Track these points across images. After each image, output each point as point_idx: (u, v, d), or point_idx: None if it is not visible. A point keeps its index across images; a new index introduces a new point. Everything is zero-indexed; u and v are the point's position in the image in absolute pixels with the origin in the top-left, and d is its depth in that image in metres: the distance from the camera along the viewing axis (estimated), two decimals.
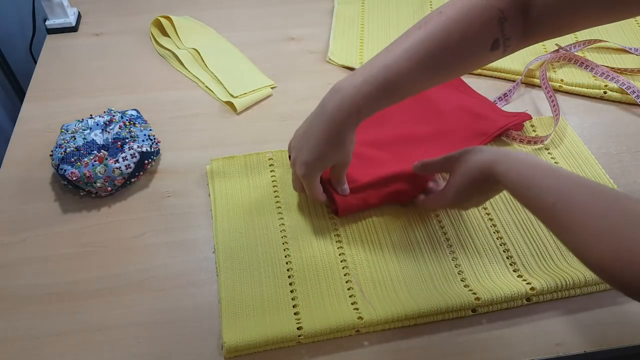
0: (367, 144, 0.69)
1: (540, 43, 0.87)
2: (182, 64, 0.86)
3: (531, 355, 0.52)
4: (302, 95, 0.82)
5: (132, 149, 0.66)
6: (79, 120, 0.71)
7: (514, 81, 0.83)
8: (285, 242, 0.61)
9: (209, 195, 0.67)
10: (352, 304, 0.55)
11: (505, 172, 0.48)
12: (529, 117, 0.75)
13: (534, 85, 0.83)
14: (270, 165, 0.70)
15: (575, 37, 0.88)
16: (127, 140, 0.67)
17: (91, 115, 0.72)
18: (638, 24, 0.93)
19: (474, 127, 0.73)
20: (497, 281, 0.57)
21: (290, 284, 0.57)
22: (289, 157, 0.66)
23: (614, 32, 0.90)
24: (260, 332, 0.52)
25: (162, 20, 0.91)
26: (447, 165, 0.58)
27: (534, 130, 0.75)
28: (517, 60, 0.84)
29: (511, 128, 0.73)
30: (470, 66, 0.54)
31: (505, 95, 0.80)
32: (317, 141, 0.55)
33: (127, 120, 0.70)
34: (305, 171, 0.57)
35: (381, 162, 0.66)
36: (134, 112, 0.73)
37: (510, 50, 0.53)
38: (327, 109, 0.54)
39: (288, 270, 0.58)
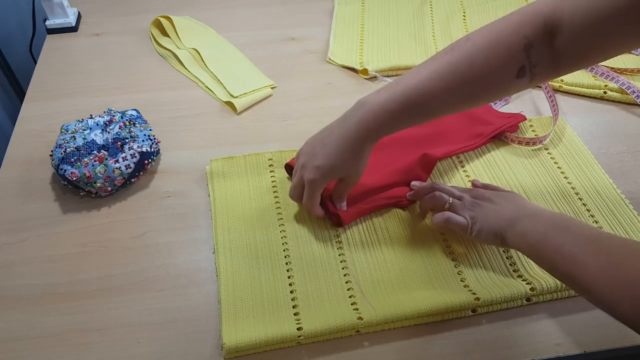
0: None
1: None
2: (182, 64, 0.86)
3: (531, 355, 0.52)
4: (302, 95, 0.82)
5: (132, 149, 0.66)
6: (79, 120, 0.71)
7: None
8: (285, 243, 0.61)
9: (209, 195, 0.67)
10: (352, 304, 0.55)
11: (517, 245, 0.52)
12: (524, 118, 0.75)
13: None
14: (270, 166, 0.70)
15: None
16: (127, 140, 0.67)
17: (91, 115, 0.72)
18: None
19: (470, 129, 0.73)
20: (497, 281, 0.57)
21: (290, 284, 0.57)
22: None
23: None
24: (260, 333, 0.52)
25: (162, 20, 0.91)
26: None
27: (533, 131, 0.75)
28: None
29: (506, 129, 0.73)
30: (496, 93, 0.54)
31: None
32: (335, 148, 0.55)
33: (127, 120, 0.70)
34: (315, 176, 0.57)
35: (378, 166, 0.66)
36: (134, 112, 0.73)
37: (538, 78, 0.52)
38: (350, 120, 0.54)
39: (288, 270, 0.58)
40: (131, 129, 0.68)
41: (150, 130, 0.70)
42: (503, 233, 0.53)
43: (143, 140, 0.68)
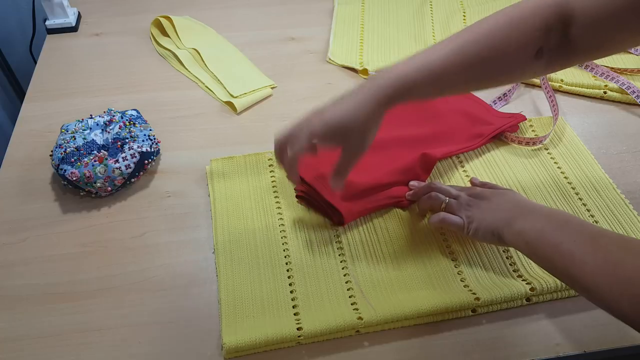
0: None
1: None
2: (182, 64, 0.86)
3: (531, 355, 0.52)
4: (302, 95, 0.82)
5: (132, 149, 0.66)
6: (79, 120, 0.71)
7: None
8: (285, 243, 0.61)
9: (209, 195, 0.67)
10: (352, 304, 0.55)
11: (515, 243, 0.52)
12: (524, 119, 0.75)
13: (533, 85, 0.83)
14: (270, 166, 0.70)
15: None
16: (127, 140, 0.67)
17: (91, 115, 0.72)
18: None
19: (470, 129, 0.73)
20: (497, 281, 0.57)
21: (290, 284, 0.57)
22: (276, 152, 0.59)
23: None
24: (260, 333, 0.52)
25: (162, 20, 0.91)
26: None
27: (533, 131, 0.75)
28: None
29: (506, 129, 0.73)
30: (513, 73, 0.54)
31: (504, 95, 0.80)
32: (348, 106, 0.51)
33: (127, 120, 0.70)
34: (319, 128, 0.52)
35: (378, 165, 0.66)
36: (134, 112, 0.73)
37: (553, 64, 0.52)
38: (364, 85, 0.52)
39: (288, 270, 0.58)
40: (131, 129, 0.68)
41: (150, 130, 0.70)
42: (500, 231, 0.53)
43: (143, 140, 0.68)
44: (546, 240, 0.48)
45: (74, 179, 0.63)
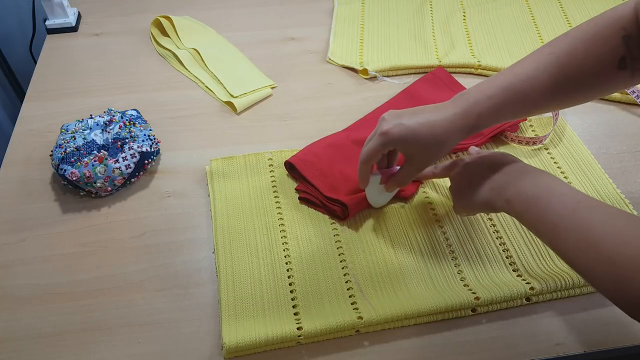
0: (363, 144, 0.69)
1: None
2: (182, 64, 0.86)
3: (531, 355, 0.53)
4: (302, 95, 0.82)
5: (132, 149, 0.66)
6: (79, 120, 0.71)
7: None
8: (285, 242, 0.61)
9: (209, 195, 0.67)
10: (351, 304, 0.55)
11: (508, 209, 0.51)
12: (524, 119, 0.75)
13: None
14: (269, 166, 0.70)
15: None
16: (127, 140, 0.67)
17: (91, 115, 0.72)
18: None
19: None
20: (497, 281, 0.57)
21: (290, 284, 0.57)
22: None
23: None
24: (260, 332, 0.52)
25: (162, 20, 0.91)
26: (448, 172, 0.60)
27: (533, 131, 0.75)
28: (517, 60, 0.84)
29: (506, 129, 0.73)
30: (601, 86, 0.52)
31: None
32: (426, 120, 0.52)
33: (127, 120, 0.70)
34: (393, 130, 0.52)
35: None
36: (134, 112, 0.73)
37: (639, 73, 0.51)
38: (447, 105, 0.53)
39: (288, 270, 0.58)
40: (131, 129, 0.68)
41: (150, 130, 0.70)
42: (492, 201, 0.53)
43: (143, 140, 0.68)
44: (532, 210, 0.48)
45: (74, 179, 0.63)
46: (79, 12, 0.97)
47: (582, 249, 0.42)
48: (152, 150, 0.68)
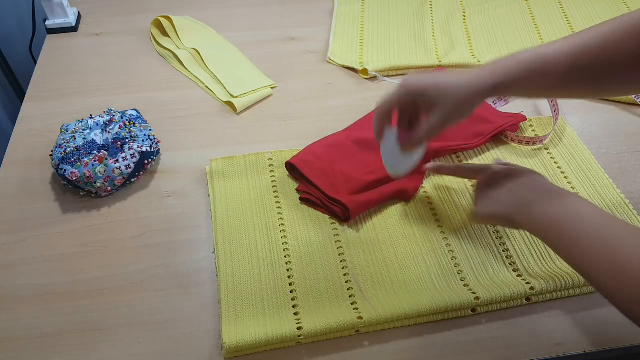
0: (366, 145, 0.69)
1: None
2: (182, 64, 0.86)
3: (531, 355, 0.52)
4: (302, 95, 0.82)
5: (132, 149, 0.66)
6: (79, 120, 0.71)
7: None
8: (285, 242, 0.61)
9: (209, 195, 0.67)
10: (351, 304, 0.55)
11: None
12: (524, 119, 0.75)
13: None
14: (270, 166, 0.70)
15: None
16: (127, 140, 0.67)
17: (91, 115, 0.72)
18: None
19: (470, 127, 0.73)
20: (497, 281, 0.57)
21: (290, 284, 0.57)
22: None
23: None
24: (260, 332, 0.52)
25: (162, 20, 0.91)
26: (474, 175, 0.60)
27: (534, 130, 0.75)
28: None
29: (507, 129, 0.73)
30: (629, 82, 0.51)
31: None
32: (447, 82, 0.51)
33: (127, 120, 0.70)
34: (414, 81, 0.52)
35: (379, 162, 0.66)
36: (134, 112, 0.73)
37: None
38: (464, 73, 0.52)
39: (288, 270, 0.58)
40: (131, 129, 0.68)
41: (150, 130, 0.70)
42: (513, 217, 0.52)
43: (143, 140, 0.68)
44: (559, 231, 0.47)
45: (74, 179, 0.63)
46: (79, 12, 0.98)
47: (610, 270, 0.41)
48: (152, 150, 0.68)
